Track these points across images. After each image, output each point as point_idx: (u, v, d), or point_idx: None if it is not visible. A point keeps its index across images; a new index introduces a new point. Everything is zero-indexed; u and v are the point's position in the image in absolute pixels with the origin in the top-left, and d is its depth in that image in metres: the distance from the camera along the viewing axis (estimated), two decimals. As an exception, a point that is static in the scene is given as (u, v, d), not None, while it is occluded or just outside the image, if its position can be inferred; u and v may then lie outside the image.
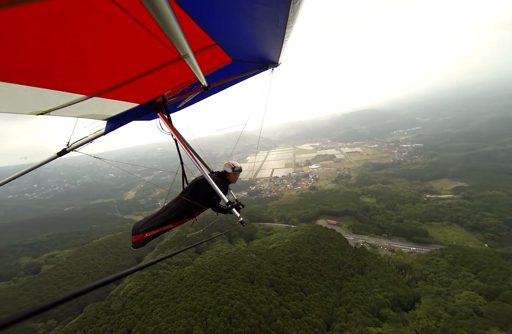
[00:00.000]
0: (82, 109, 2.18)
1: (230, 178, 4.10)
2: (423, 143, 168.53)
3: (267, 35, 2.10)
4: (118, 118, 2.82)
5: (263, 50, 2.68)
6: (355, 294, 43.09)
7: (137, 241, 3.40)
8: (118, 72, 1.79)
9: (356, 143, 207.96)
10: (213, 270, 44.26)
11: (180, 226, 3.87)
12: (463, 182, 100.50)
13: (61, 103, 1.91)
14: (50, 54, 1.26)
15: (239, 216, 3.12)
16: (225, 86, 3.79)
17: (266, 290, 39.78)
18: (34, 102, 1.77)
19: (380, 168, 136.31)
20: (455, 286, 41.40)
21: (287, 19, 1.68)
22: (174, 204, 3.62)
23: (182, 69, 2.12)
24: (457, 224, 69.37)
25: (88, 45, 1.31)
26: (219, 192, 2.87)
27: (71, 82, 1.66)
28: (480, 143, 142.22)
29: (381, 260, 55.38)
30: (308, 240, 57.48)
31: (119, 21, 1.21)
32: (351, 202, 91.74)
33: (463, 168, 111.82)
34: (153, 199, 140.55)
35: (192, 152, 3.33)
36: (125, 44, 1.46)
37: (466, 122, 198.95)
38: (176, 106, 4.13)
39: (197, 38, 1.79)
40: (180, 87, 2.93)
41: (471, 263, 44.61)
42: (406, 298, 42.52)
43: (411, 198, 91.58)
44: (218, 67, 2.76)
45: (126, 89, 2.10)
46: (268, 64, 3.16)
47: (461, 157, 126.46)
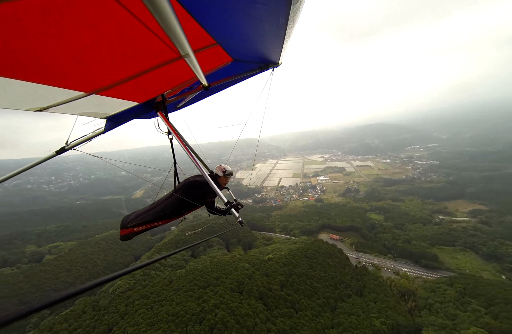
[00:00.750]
0: (81, 106, 2.20)
1: (221, 181, 4.12)
2: (440, 161, 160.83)
3: (268, 35, 2.12)
4: (117, 117, 2.85)
5: (263, 50, 2.69)
6: (350, 317, 40.34)
7: (125, 234, 3.56)
8: (118, 69, 1.82)
9: (367, 157, 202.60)
10: (203, 275, 43.69)
11: (179, 228, 3.92)
12: (481, 204, 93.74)
13: (60, 100, 1.93)
14: (49, 50, 1.28)
15: (238, 216, 3.14)
16: (225, 86, 3.78)
17: (254, 302, 38.41)
18: (32, 99, 1.79)
19: (391, 184, 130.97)
20: (463, 320, 37.56)
21: (287, 20, 1.70)
22: (164, 203, 3.68)
23: (183, 68, 2.15)
24: (471, 250, 64.02)
25: (89, 42, 1.33)
26: (219, 192, 2.92)
27: (71, 79, 1.69)
28: (503, 164, 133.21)
29: (382, 283, 51.87)
30: (305, 253, 55.47)
31: (120, 19, 1.21)
32: (357, 218, 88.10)
33: (483, 189, 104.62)
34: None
35: (191, 152, 3.36)
36: (126, 41, 1.49)
37: (489, 141, 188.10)
38: (176, 105, 4.17)
39: (197, 37, 1.83)
40: (180, 86, 2.96)
41: (483, 296, 40.53)
42: (406, 327, 39.07)
43: (422, 218, 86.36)
44: (219, 67, 2.80)
45: (125, 87, 2.13)
46: (269, 65, 3.19)
47: (481, 178, 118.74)
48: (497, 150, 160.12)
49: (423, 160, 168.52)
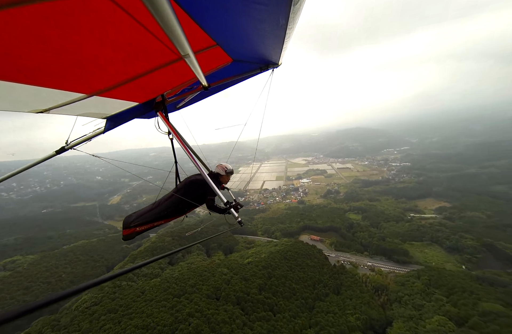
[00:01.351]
0: (82, 108, 2.20)
1: (223, 179, 4.21)
2: (411, 163, 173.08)
3: (268, 36, 2.10)
4: (117, 117, 2.83)
5: (263, 50, 2.67)
6: (327, 316, 41.19)
7: (128, 234, 3.58)
8: (119, 72, 1.82)
9: (347, 160, 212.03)
10: (178, 283, 42.06)
11: (157, 234, 3.60)
12: (446, 202, 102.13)
13: (61, 102, 1.93)
14: (50, 55, 1.29)
15: (237, 216, 3.12)
16: (225, 86, 3.77)
17: (231, 308, 37.72)
18: (34, 101, 1.80)
19: (369, 184, 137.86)
20: (427, 310, 40.19)
21: (287, 20, 1.69)
22: (166, 202, 3.67)
23: (183, 69, 2.14)
24: (437, 244, 69.20)
25: (89, 45, 1.33)
26: (218, 192, 2.92)
27: (72, 82, 1.70)
28: (464, 165, 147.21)
29: (358, 280, 53.87)
30: (285, 255, 55.98)
31: (119, 22, 1.22)
32: (337, 218, 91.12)
33: (447, 188, 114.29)
34: (138, 205, 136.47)
35: (191, 152, 3.34)
36: (126, 44, 1.50)
37: (451, 145, 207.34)
38: (176, 105, 4.14)
39: (197, 38, 1.83)
40: (180, 87, 2.94)
41: (445, 286, 43.85)
42: (379, 321, 40.83)
43: (396, 216, 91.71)
44: (219, 67, 2.78)
45: (126, 88, 2.12)
46: (269, 65, 3.16)
47: (445, 178, 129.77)
48: (458, 152, 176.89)
49: (397, 162, 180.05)
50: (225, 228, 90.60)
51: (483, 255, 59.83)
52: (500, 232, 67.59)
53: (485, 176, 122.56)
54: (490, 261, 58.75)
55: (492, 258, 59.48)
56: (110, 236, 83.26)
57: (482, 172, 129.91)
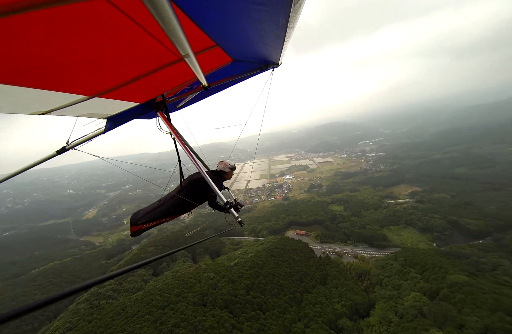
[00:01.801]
0: (82, 109, 2.19)
1: (228, 176, 4.28)
2: (385, 153, 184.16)
3: (268, 36, 2.08)
4: (117, 117, 2.83)
5: (263, 50, 2.65)
6: (315, 307, 42.27)
7: (136, 231, 3.76)
8: (120, 73, 1.82)
9: (328, 154, 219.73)
10: (162, 294, 40.42)
11: (140, 245, 3.08)
12: (417, 186, 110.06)
13: (62, 103, 1.94)
14: (52, 59, 1.30)
15: (237, 216, 3.12)
16: (225, 86, 3.77)
17: (219, 312, 37.12)
18: (36, 103, 1.80)
19: (349, 176, 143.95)
20: (405, 288, 43.09)
21: (288, 20, 1.65)
22: (172, 200, 3.75)
23: (183, 69, 2.13)
24: (411, 226, 74.45)
25: (90, 48, 1.34)
26: (217, 191, 2.97)
27: (73, 84, 1.70)
28: (430, 152, 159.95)
29: (343, 268, 56.06)
30: (271, 253, 56.41)
31: (120, 25, 1.23)
32: (320, 211, 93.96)
33: (417, 174, 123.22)
34: (117, 216, 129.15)
35: (191, 152, 3.34)
36: (126, 46, 1.49)
37: (419, 134, 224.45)
38: (176, 105, 4.14)
39: (197, 39, 1.81)
40: (180, 86, 2.93)
41: (418, 264, 47.29)
42: (362, 305, 42.85)
43: (374, 204, 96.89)
44: (218, 67, 2.77)
45: (126, 89, 2.11)
46: (269, 65, 3.15)
47: (415, 165, 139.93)
48: (424, 141, 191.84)
49: (373, 153, 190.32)
50: (211, 232, 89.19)
51: (450, 232, 65.67)
52: (462, 209, 74.57)
53: (448, 161, 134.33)
54: (455, 236, 64.65)
55: (457, 234, 65.51)
56: (87, 253, 77.56)
57: (445, 156, 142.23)
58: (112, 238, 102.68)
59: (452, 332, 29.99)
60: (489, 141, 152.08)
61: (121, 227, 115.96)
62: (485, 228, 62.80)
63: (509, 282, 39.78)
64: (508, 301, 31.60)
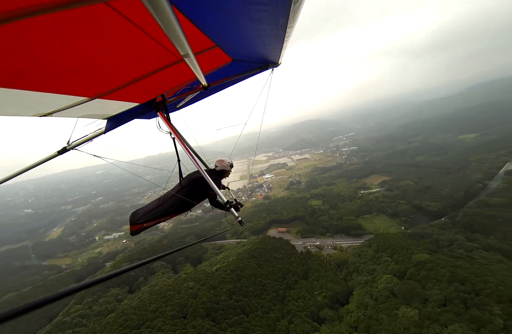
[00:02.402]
0: (84, 110, 2.23)
1: (227, 174, 4.36)
2: (358, 146, 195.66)
3: (268, 35, 2.07)
4: (118, 118, 2.84)
5: (263, 50, 2.64)
6: (297, 302, 42.81)
7: (135, 230, 3.85)
8: (120, 75, 1.85)
9: (305, 151, 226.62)
10: (137, 313, 37.65)
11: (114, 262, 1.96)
12: (386, 176, 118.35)
13: (64, 105, 1.97)
14: (53, 62, 1.33)
15: (237, 215, 3.14)
16: (225, 86, 3.78)
17: (200, 322, 35.68)
18: (37, 106, 1.84)
19: (326, 171, 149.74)
20: (378, 272, 45.75)
21: (287, 19, 1.65)
22: (173, 198, 3.79)
23: (183, 70, 2.15)
24: (382, 213, 79.68)
25: (91, 52, 1.36)
26: (217, 190, 3.02)
27: (74, 86, 1.73)
28: (395, 143, 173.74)
29: (323, 260, 57.81)
30: (253, 254, 56.05)
31: (120, 28, 1.26)
32: (300, 207, 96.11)
33: (386, 164, 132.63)
34: (88, 233, 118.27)
35: (191, 151, 3.38)
36: (127, 49, 1.51)
37: (385, 128, 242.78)
38: (176, 105, 4.15)
39: (197, 40, 1.81)
40: (180, 86, 2.96)
41: (389, 248, 50.60)
42: (342, 293, 44.52)
43: (349, 195, 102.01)
44: (218, 67, 2.78)
45: (127, 90, 2.14)
46: (268, 64, 3.16)
47: (384, 156, 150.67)
48: (390, 134, 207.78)
49: (346, 148, 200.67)
50: (192, 238, 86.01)
51: (415, 215, 71.67)
52: (424, 193, 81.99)
53: (411, 150, 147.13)
54: (419, 218, 70.74)
55: (421, 216, 71.76)
56: (51, 278, 69.47)
57: (408, 147, 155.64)
58: (82, 257, 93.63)
59: (418, 307, 32.45)
60: (442, 131, 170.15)
61: (93, 244, 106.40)
62: (442, 208, 69.73)
63: (463, 254, 44.45)
64: (462, 272, 35.21)
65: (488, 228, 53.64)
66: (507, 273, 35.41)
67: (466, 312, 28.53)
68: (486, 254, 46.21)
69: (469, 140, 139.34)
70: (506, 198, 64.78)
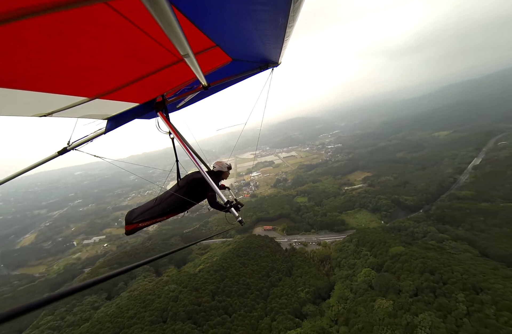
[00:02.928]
0: (84, 110, 2.24)
1: (225, 176, 4.50)
2: (342, 144, 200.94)
3: (267, 35, 2.08)
4: (118, 118, 2.85)
5: (263, 50, 2.66)
6: (281, 299, 43.17)
7: (131, 229, 3.83)
8: (120, 75, 1.86)
9: (291, 148, 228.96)
10: (114, 320, 35.90)
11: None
12: (369, 172, 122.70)
13: (64, 105, 1.98)
14: (53, 62, 1.33)
15: (237, 215, 3.13)
16: (225, 85, 3.81)
17: (181, 325, 34.78)
18: (37, 106, 1.84)
19: (311, 168, 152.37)
20: (358, 266, 47.34)
21: (287, 19, 1.66)
22: (169, 199, 3.78)
23: (182, 70, 2.15)
24: (364, 208, 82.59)
25: (91, 51, 1.36)
26: (218, 190, 3.02)
27: (74, 87, 1.74)
28: (377, 140, 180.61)
29: (307, 257, 58.85)
30: (237, 253, 55.67)
31: (120, 28, 1.26)
32: (286, 204, 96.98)
33: (369, 161, 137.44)
34: (65, 238, 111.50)
35: (191, 151, 3.37)
36: (127, 49, 1.52)
37: (368, 125, 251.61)
38: (176, 105, 4.17)
39: (197, 40, 1.82)
40: (180, 86, 2.97)
41: (368, 242, 52.50)
42: (324, 288, 45.57)
43: (334, 192, 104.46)
44: (218, 67, 2.79)
45: (127, 90, 2.14)
46: (268, 64, 3.16)
47: (367, 153, 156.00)
48: (373, 131, 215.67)
49: (331, 145, 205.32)
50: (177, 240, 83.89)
51: (394, 209, 75.04)
52: (402, 188, 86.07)
53: (391, 147, 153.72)
54: (398, 212, 74.25)
55: (399, 210, 75.34)
56: (22, 288, 64.53)
57: (389, 144, 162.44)
58: (59, 264, 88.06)
59: (393, 298, 33.93)
60: (419, 129, 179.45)
61: (71, 250, 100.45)
62: (418, 202, 73.63)
63: (434, 245, 47.13)
64: (432, 262, 37.30)
65: (457, 220, 57.44)
66: (471, 261, 38.14)
67: (435, 300, 30.29)
68: (455, 244, 49.45)
69: (443, 137, 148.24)
70: (473, 191, 69.73)
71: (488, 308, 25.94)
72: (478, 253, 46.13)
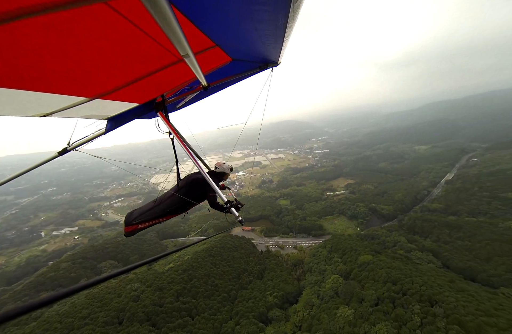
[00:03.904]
0: (83, 110, 2.25)
1: (226, 177, 4.46)
2: (330, 150, 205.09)
3: (267, 35, 2.09)
4: (118, 118, 2.87)
5: (263, 50, 2.66)
6: (248, 303, 42.54)
7: (130, 231, 3.82)
8: (120, 75, 1.86)
9: (280, 150, 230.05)
10: (63, 321, 33.25)
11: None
12: (352, 179, 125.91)
13: (63, 105, 1.98)
14: (53, 62, 1.34)
15: (237, 215, 3.14)
16: (224, 85, 3.85)
17: (137, 328, 32.99)
18: (37, 106, 1.84)
19: (298, 171, 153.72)
20: (328, 272, 47.93)
21: (287, 19, 1.65)
22: (169, 200, 3.79)
23: (182, 70, 2.17)
24: (342, 215, 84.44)
25: (90, 51, 1.37)
26: (219, 191, 3.01)
27: (74, 87, 1.74)
28: (363, 149, 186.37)
29: (280, 260, 58.84)
30: (210, 253, 54.37)
31: (120, 28, 1.27)
32: (268, 206, 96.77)
33: (353, 169, 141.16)
34: (32, 228, 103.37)
35: (191, 152, 3.38)
36: (127, 49, 1.53)
37: (355, 134, 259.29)
38: (176, 105, 4.20)
39: (197, 40, 1.83)
40: (179, 86, 2.98)
41: (340, 249, 53.42)
42: (293, 293, 45.60)
43: (316, 196, 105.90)
44: (218, 67, 2.81)
45: (127, 90, 2.15)
46: (268, 64, 3.17)
47: (352, 160, 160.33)
48: (359, 140, 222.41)
49: (319, 150, 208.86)
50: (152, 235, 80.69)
51: (370, 217, 77.42)
52: (380, 197, 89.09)
53: (375, 157, 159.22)
54: (374, 220, 76.70)
55: (375, 218, 77.89)
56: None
57: (373, 153, 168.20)
58: (21, 256, 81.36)
59: (355, 306, 34.47)
60: (402, 141, 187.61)
61: (37, 241, 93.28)
62: (393, 212, 76.50)
63: (402, 255, 48.86)
64: (396, 272, 38.50)
65: (426, 231, 60.29)
66: (432, 273, 39.93)
67: (393, 311, 31.14)
68: (421, 254, 51.74)
69: (422, 151, 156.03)
70: (443, 204, 73.67)
71: (439, 321, 27.01)
72: (441, 264, 48.61)
